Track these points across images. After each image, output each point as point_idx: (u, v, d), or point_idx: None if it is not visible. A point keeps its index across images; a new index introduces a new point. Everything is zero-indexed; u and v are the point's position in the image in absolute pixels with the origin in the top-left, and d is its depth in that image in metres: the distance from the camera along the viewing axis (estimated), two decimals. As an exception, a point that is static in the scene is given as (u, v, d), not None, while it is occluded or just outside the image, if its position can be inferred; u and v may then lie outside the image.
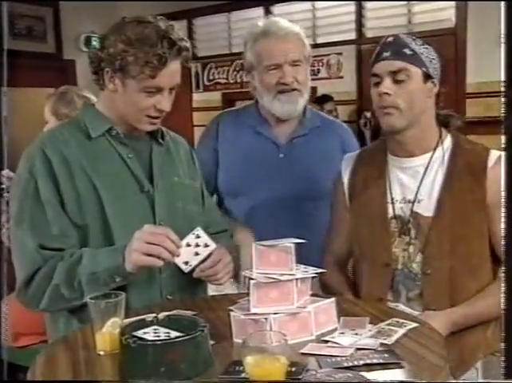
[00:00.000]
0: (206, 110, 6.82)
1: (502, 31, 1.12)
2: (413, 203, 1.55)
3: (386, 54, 1.51)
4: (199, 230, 1.40)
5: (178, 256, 1.36)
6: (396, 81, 1.50)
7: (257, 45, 1.92)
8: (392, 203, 1.58)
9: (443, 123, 1.60)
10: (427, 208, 1.54)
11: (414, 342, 1.19)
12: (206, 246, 1.40)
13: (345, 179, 1.70)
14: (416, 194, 1.55)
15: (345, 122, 5.57)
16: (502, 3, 1.13)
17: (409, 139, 1.57)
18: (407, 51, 1.51)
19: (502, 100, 1.02)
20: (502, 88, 1.03)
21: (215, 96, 6.76)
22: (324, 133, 2.05)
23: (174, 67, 1.46)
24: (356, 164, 1.70)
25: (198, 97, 6.89)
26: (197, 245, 1.40)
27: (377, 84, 1.53)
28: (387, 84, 1.51)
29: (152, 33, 1.41)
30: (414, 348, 1.16)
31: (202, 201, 1.71)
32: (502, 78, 1.04)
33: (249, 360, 0.94)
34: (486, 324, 1.55)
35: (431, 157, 1.56)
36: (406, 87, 1.50)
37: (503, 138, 1.00)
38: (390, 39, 1.54)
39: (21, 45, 6.27)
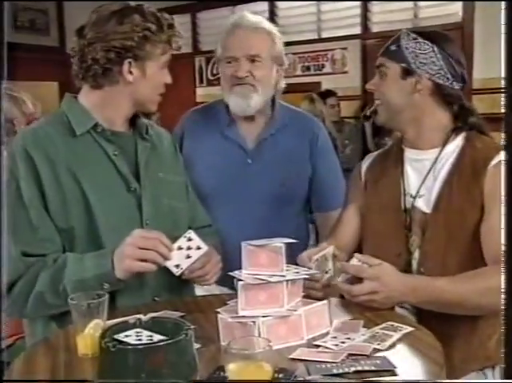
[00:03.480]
0: (209, 105, 6.79)
1: (503, 30, 1.08)
2: (414, 197, 1.51)
3: (381, 50, 1.53)
4: (191, 233, 1.37)
5: (171, 260, 1.34)
6: (380, 77, 1.53)
7: (225, 38, 1.89)
8: (404, 194, 1.54)
9: (458, 117, 1.53)
10: (426, 204, 1.49)
11: (409, 347, 1.14)
12: (198, 248, 1.37)
13: (363, 169, 1.68)
14: (419, 189, 1.51)
15: (349, 118, 5.60)
16: (502, 3, 1.08)
17: (409, 135, 1.54)
18: (393, 47, 1.50)
19: (503, 97, 0.97)
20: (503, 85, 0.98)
21: (219, 91, 6.70)
22: (292, 131, 1.98)
23: (174, 46, 1.51)
24: (377, 157, 1.69)
25: (201, 92, 6.85)
26: (189, 248, 1.37)
27: None
28: (373, 80, 1.55)
29: (139, 12, 1.44)
30: (409, 354, 1.11)
31: (186, 196, 1.67)
32: (502, 75, 0.99)
33: (231, 367, 0.89)
34: (483, 334, 1.47)
35: (440, 152, 1.51)
36: (383, 83, 1.52)
37: (503, 135, 0.95)
38: (397, 35, 1.54)
39: (23, 37, 6.26)
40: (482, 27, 4.80)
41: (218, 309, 1.21)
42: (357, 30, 5.66)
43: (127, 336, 1.04)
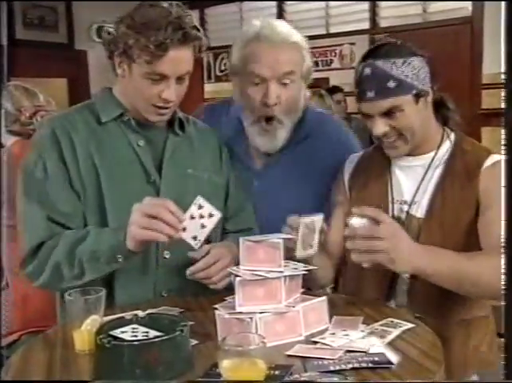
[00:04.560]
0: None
1: (502, 29, 1.06)
2: (410, 205, 1.46)
3: (370, 95, 1.38)
4: (200, 200, 1.31)
5: (184, 231, 1.28)
6: (390, 118, 1.40)
7: (247, 49, 1.61)
8: (392, 203, 1.49)
9: (444, 120, 1.51)
10: (419, 210, 1.45)
11: (408, 345, 1.12)
12: (211, 215, 1.31)
13: (346, 176, 1.61)
14: (414, 196, 1.47)
15: (355, 113, 5.56)
16: (503, 3, 1.07)
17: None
18: (391, 84, 1.37)
19: (503, 93, 0.96)
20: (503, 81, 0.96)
21: (227, 87, 6.70)
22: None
23: (179, 54, 1.38)
24: (360, 162, 1.61)
25: (210, 88, 6.84)
26: (201, 216, 1.30)
27: (370, 118, 1.42)
28: (380, 125, 1.41)
29: (160, 17, 1.36)
30: (407, 351, 1.09)
31: (221, 198, 1.60)
32: (502, 69, 0.97)
33: (225, 364, 0.88)
34: (477, 338, 1.45)
35: (433, 158, 1.47)
36: (401, 120, 1.40)
37: (503, 132, 0.94)
38: (367, 71, 1.39)
39: (33, 34, 6.28)
40: (492, 21, 4.73)
41: (216, 306, 1.20)
42: (366, 25, 5.61)
43: (123, 332, 1.04)
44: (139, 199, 1.31)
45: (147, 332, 1.04)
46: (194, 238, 1.30)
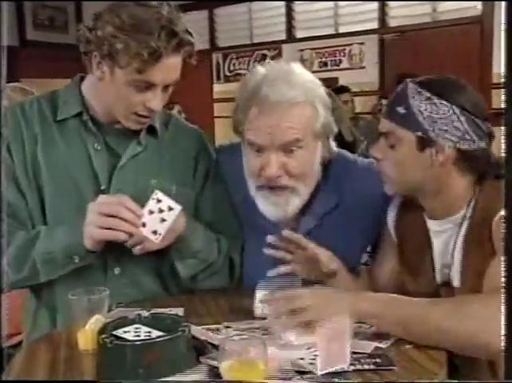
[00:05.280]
0: (226, 101, 6.79)
1: (503, 28, 1.05)
2: (449, 272, 1.28)
3: (385, 109, 1.27)
4: (158, 194, 1.26)
5: (144, 226, 1.25)
6: (389, 146, 1.25)
7: (245, 107, 1.35)
8: (433, 269, 1.32)
9: (483, 176, 1.27)
10: (453, 277, 1.27)
11: (411, 346, 1.12)
12: (170, 209, 1.27)
13: (391, 226, 1.43)
14: (451, 260, 1.27)
15: (366, 113, 5.55)
16: (503, 3, 1.06)
17: (428, 207, 1.31)
18: (401, 109, 1.21)
19: (503, 92, 0.94)
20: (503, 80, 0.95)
21: (236, 87, 6.70)
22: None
23: (171, 62, 1.27)
24: (401, 213, 1.41)
25: (219, 88, 6.85)
26: (160, 210, 1.26)
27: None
28: (378, 146, 1.28)
29: (151, 19, 1.22)
30: (410, 352, 1.09)
31: (193, 210, 1.46)
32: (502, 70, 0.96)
33: (224, 365, 0.89)
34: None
35: (463, 218, 1.25)
36: (394, 154, 1.24)
37: (503, 129, 0.93)
38: (400, 88, 1.25)
39: (43, 35, 6.33)
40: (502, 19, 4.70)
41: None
42: (375, 25, 5.60)
43: (125, 332, 1.05)
44: (83, 208, 1.25)
45: (149, 332, 1.05)
46: (155, 232, 1.26)
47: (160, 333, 1.03)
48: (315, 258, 1.38)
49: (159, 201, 1.27)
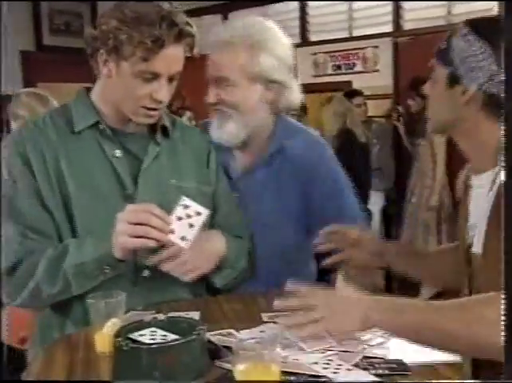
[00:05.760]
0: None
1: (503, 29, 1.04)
2: (472, 235, 1.22)
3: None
4: (186, 200, 1.29)
5: (172, 233, 1.26)
6: (432, 82, 1.27)
7: None
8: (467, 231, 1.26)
9: None
10: (475, 242, 1.20)
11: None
12: (198, 214, 1.29)
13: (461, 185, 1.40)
14: (474, 223, 1.22)
15: (380, 117, 5.52)
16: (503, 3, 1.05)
17: (467, 154, 1.26)
18: (443, 45, 1.22)
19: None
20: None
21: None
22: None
23: (173, 52, 1.32)
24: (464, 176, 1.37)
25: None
26: (188, 216, 1.28)
27: None
28: (427, 83, 1.29)
29: (152, 12, 1.29)
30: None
31: (213, 207, 1.50)
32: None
33: (239, 367, 0.89)
34: None
35: (496, 174, 1.16)
36: (433, 90, 1.26)
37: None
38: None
39: (59, 40, 6.40)
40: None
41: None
42: (389, 28, 5.58)
43: (141, 335, 1.06)
44: (112, 214, 1.27)
45: (165, 335, 1.06)
46: (183, 238, 1.28)
47: (176, 337, 1.04)
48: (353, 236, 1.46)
49: (186, 207, 1.29)
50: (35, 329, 1.46)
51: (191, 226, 1.28)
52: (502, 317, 0.89)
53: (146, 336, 1.06)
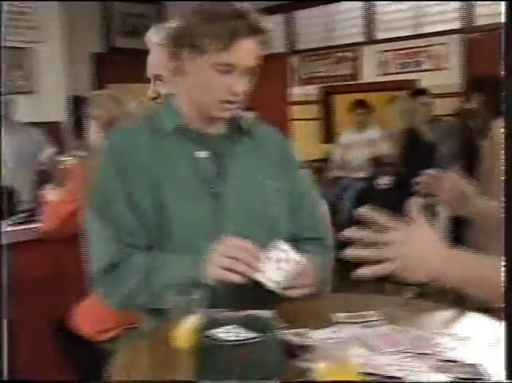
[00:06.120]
0: (303, 104, 6.83)
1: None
2: None
3: None
4: (281, 244, 1.33)
5: (262, 272, 1.29)
6: None
7: None
8: None
9: None
10: None
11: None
12: (291, 260, 1.31)
13: None
14: None
15: (449, 115, 5.40)
16: (503, 3, 1.03)
17: None
18: None
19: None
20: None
21: (312, 90, 6.73)
22: None
23: (247, 45, 1.37)
24: None
25: (296, 91, 6.88)
26: (280, 259, 1.31)
27: None
28: None
29: (227, 10, 1.37)
30: None
31: (289, 204, 1.54)
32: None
33: (319, 366, 0.92)
34: None
35: None
36: None
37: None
38: None
39: (128, 42, 6.62)
40: None
41: None
42: (457, 25, 5.43)
43: (221, 332, 1.09)
44: (203, 213, 1.37)
45: (243, 332, 1.08)
46: (269, 279, 1.30)
47: (254, 335, 1.06)
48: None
49: (280, 250, 1.32)
50: (119, 323, 1.52)
51: (280, 269, 1.30)
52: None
53: (225, 333, 1.08)
